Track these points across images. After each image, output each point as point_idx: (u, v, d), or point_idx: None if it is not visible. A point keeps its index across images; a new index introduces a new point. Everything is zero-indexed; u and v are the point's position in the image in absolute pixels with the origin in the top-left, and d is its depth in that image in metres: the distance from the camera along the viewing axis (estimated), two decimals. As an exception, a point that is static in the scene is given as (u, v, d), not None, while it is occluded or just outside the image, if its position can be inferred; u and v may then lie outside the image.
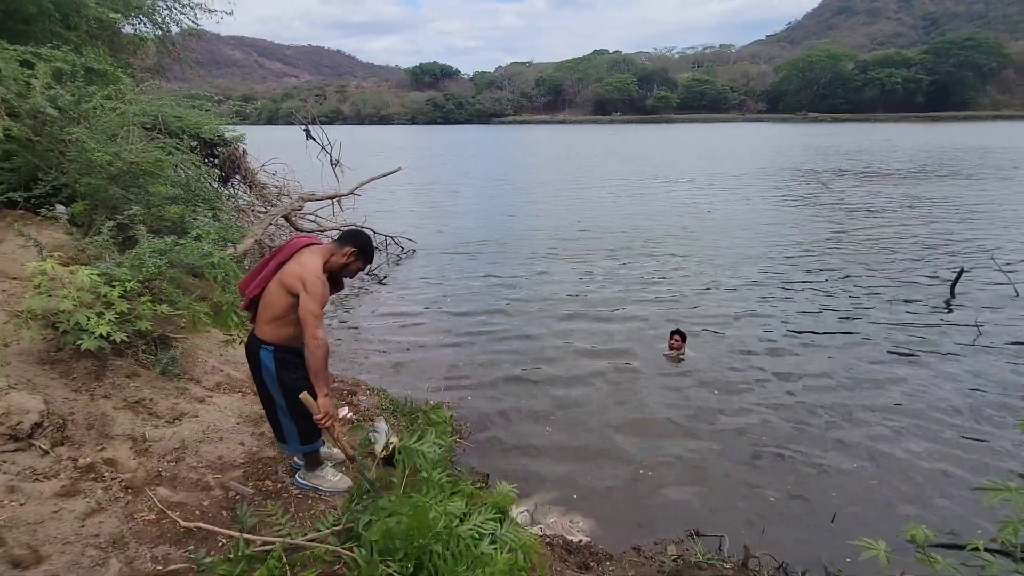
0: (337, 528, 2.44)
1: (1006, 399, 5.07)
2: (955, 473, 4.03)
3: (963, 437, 4.51)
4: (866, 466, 4.14)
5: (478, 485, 3.41)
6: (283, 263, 2.65)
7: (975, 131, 56.73)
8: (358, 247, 2.74)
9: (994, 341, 6.35)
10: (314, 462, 2.99)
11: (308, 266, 2.57)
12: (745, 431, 4.62)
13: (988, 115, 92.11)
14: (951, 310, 7.39)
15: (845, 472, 4.08)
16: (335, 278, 2.79)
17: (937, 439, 4.48)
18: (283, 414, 2.79)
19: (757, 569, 3.04)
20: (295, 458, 3.15)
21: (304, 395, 2.51)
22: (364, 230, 2.94)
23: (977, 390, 5.25)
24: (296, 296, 2.53)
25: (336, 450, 3.04)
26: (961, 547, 2.50)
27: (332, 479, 3.00)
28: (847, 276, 8.93)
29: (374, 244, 2.82)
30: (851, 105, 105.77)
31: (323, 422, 2.55)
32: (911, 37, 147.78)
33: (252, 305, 2.74)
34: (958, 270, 8.02)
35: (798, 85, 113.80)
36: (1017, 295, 7.63)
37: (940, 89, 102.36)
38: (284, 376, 2.68)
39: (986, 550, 1.78)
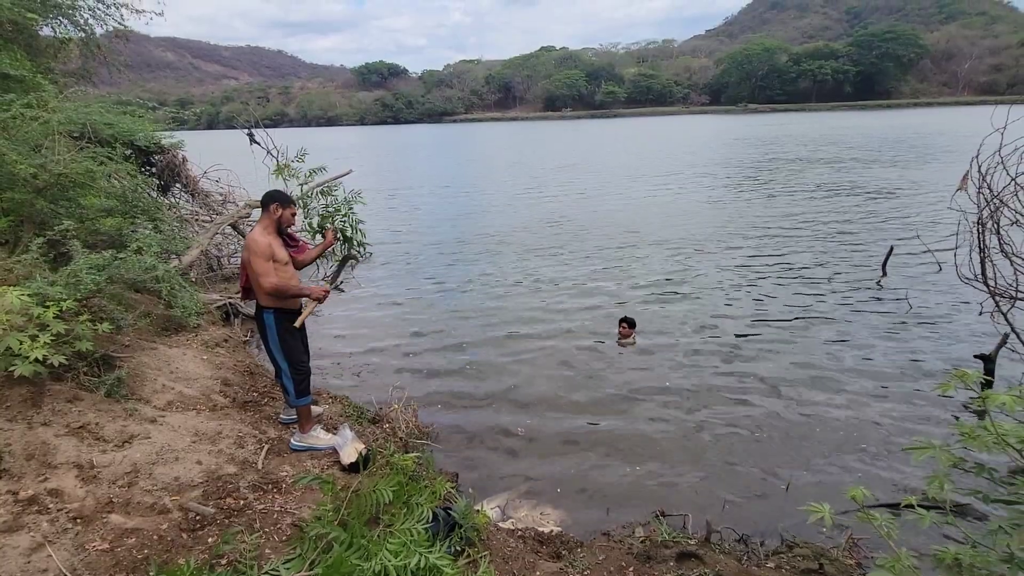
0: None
1: (933, 365, 5.49)
2: (895, 438, 4.34)
3: (901, 403, 4.86)
4: (814, 438, 4.40)
5: (449, 485, 3.41)
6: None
7: (899, 118, 60.68)
8: (277, 200, 3.42)
9: (920, 312, 6.87)
10: (307, 422, 3.58)
11: (250, 238, 3.36)
12: (700, 412, 4.81)
13: (908, 102, 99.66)
14: (882, 286, 7.92)
15: (795, 445, 4.32)
16: (283, 236, 3.51)
17: (877, 408, 4.80)
18: (284, 376, 3.50)
19: (719, 542, 3.19)
20: (288, 413, 3.83)
21: (299, 320, 3.45)
22: (269, 190, 3.53)
23: (910, 359, 5.66)
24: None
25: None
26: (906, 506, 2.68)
27: (324, 437, 3.57)
28: (789, 257, 9.40)
29: (283, 191, 3.58)
30: (787, 96, 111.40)
31: (322, 296, 3.46)
32: (837, 30, 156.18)
33: (248, 292, 3.52)
34: (888, 248, 8.58)
35: (738, 78, 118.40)
36: (940, 269, 8.23)
37: (866, 79, 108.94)
38: (284, 336, 3.41)
39: (919, 505, 1.92)
